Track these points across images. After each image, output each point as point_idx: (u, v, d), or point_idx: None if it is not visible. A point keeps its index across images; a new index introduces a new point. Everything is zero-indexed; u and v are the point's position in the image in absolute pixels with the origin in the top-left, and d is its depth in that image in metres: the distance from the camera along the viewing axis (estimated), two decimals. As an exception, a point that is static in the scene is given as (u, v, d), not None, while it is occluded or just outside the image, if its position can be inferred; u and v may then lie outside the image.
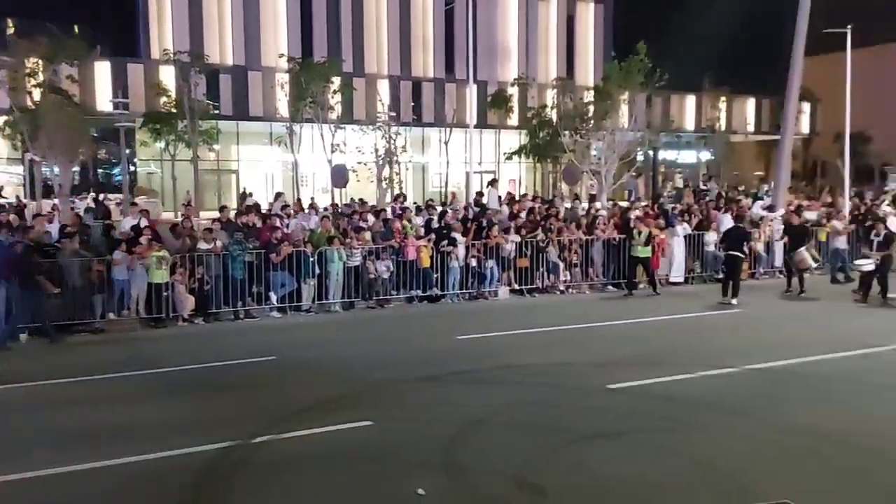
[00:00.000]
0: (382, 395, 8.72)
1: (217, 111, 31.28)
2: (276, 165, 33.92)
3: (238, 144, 34.53)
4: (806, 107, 45.55)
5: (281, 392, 8.87)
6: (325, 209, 19.45)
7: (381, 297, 14.73)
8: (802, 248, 15.39)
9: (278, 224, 15.25)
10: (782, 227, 17.38)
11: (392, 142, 28.22)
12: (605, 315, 13.50)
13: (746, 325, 12.61)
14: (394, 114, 30.26)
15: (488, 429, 7.46)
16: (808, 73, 31.68)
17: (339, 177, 22.04)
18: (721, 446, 6.89)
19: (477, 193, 22.11)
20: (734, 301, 14.32)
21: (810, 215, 19.78)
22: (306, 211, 18.54)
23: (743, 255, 15.14)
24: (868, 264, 14.29)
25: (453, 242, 15.19)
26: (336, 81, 27.98)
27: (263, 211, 18.56)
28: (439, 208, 18.69)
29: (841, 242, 17.47)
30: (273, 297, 13.84)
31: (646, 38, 22.90)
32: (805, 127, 46.60)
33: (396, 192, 26.15)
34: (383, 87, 34.46)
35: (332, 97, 27.72)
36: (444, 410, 8.07)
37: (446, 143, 33.05)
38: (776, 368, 9.51)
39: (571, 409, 8.17)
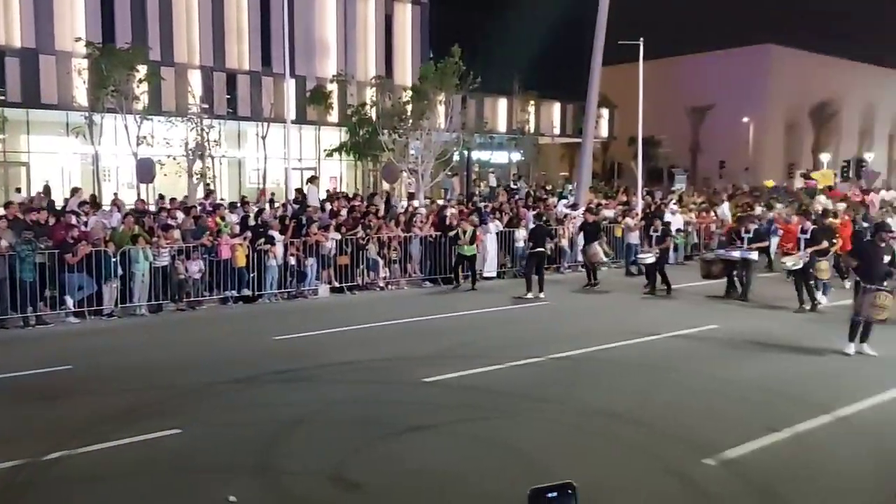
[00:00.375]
0: (193, 400, 8.36)
1: (2, 97, 28.19)
2: (73, 158, 31.18)
3: (28, 134, 31.33)
4: (605, 112, 49.38)
5: (79, 403, 8.21)
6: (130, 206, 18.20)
7: (192, 299, 14.08)
8: (595, 243, 16.65)
9: (74, 222, 14.06)
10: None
11: (204, 135, 26.98)
12: (422, 310, 13.84)
13: (549, 317, 13.48)
14: (206, 106, 28.93)
15: (305, 428, 7.41)
16: (606, 82, 34.39)
17: (145, 171, 20.70)
18: (526, 432, 7.34)
19: (296, 190, 21.77)
20: (541, 295, 15.23)
21: (608, 213, 21.52)
22: (108, 208, 17.27)
23: (546, 251, 16.20)
24: (649, 257, 15.79)
25: (271, 240, 14.86)
26: (142, 70, 26.23)
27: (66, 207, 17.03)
28: (255, 206, 18.18)
29: (633, 238, 19.15)
30: (69, 301, 12.76)
31: (460, 42, 23.69)
32: (604, 131, 50.46)
33: (210, 187, 25.04)
34: (195, 78, 32.82)
35: (138, 86, 25.96)
36: (260, 412, 7.91)
37: (264, 138, 32.10)
38: (575, 357, 10.27)
39: (388, 404, 8.32)
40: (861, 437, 7.10)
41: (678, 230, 21.08)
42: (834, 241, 14.50)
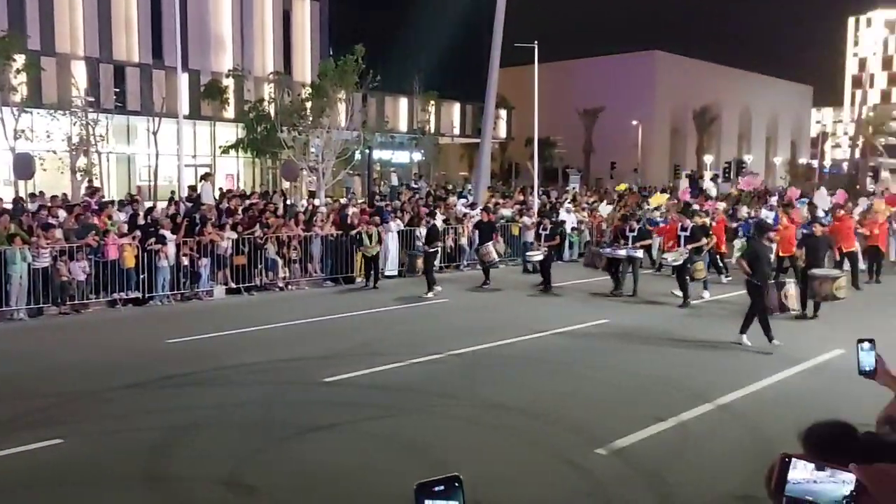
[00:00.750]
0: (78, 408, 7.96)
1: None
2: (-59, 152, 28.90)
3: None
4: (503, 113, 50.33)
5: (-52, 416, 7.66)
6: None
7: (76, 302, 13.37)
8: (489, 243, 16.80)
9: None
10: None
11: (89, 129, 25.64)
12: (323, 310, 13.69)
13: (448, 315, 13.61)
14: (92, 99, 27.48)
15: (199, 433, 7.20)
16: (504, 83, 35.09)
17: (24, 167, 19.44)
18: (426, 427, 7.42)
19: (189, 188, 21.04)
20: (430, 294, 15.14)
21: (505, 212, 21.97)
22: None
23: (435, 251, 16.19)
24: (537, 255, 16.20)
25: (162, 240, 14.30)
26: (20, 59, 24.62)
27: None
28: (148, 203, 17.46)
29: (530, 236, 19.62)
30: (-62, 307, 11.86)
31: (360, 40, 23.55)
32: (502, 132, 51.44)
33: (96, 184, 23.82)
34: (79, 70, 31.10)
35: (15, 77, 24.37)
36: (151, 418, 7.61)
37: (155, 134, 30.85)
38: (474, 353, 10.44)
39: (287, 405, 8.21)
40: (739, 423, 7.58)
41: (573, 228, 21.80)
42: (707, 238, 15.32)
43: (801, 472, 1.55)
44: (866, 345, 3.23)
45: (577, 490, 6.03)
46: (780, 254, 15.43)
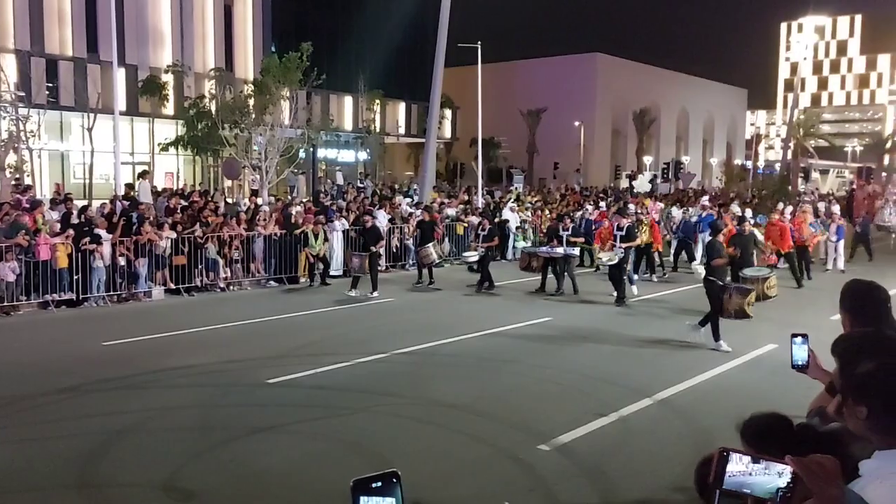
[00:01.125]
0: (11, 413, 7.66)
1: None
2: None
3: None
4: (448, 113, 50.48)
5: None
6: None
7: (5, 304, 12.86)
8: (429, 244, 16.58)
9: None
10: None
11: (20, 125, 24.69)
12: (266, 311, 13.49)
13: (393, 314, 13.59)
14: (22, 94, 26.47)
15: (137, 438, 7.02)
16: (449, 83, 35.22)
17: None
18: (370, 427, 7.39)
19: (126, 186, 20.47)
20: (375, 294, 14.94)
21: (450, 211, 22.06)
22: None
23: (376, 251, 15.74)
24: (473, 255, 16.18)
25: (97, 240, 13.87)
26: (-57, 51, 23.60)
27: None
28: (81, 202, 16.91)
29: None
30: None
31: (304, 38, 23.31)
32: (448, 132, 51.62)
33: (20, 181, 22.94)
34: (9, 63, 29.92)
35: (-62, 69, 23.34)
36: (86, 424, 7.39)
37: (90, 130, 29.90)
38: (419, 351, 10.46)
39: (229, 407, 8.07)
40: (678, 416, 7.78)
41: (517, 227, 22.03)
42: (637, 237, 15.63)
43: (738, 465, 1.58)
44: (799, 339, 3.36)
45: (520, 485, 6.09)
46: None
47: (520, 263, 16.92)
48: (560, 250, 15.50)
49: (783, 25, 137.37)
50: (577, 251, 15.80)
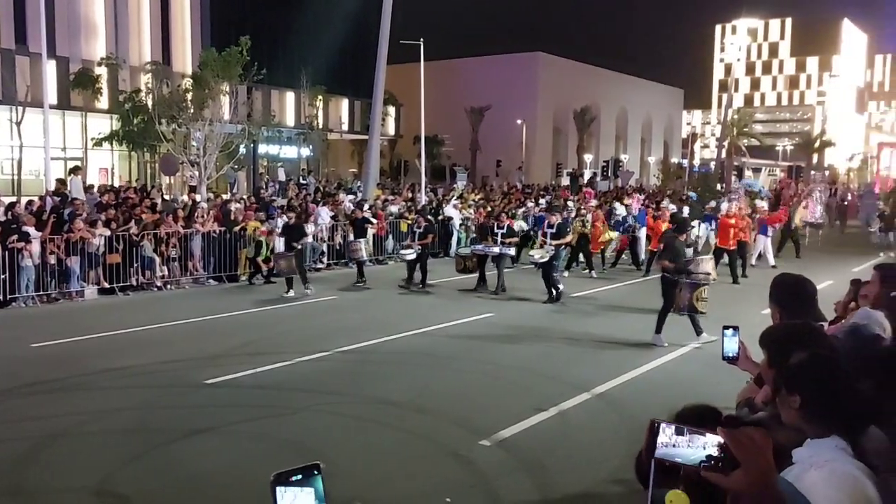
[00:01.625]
0: (-70, 420, 7.34)
1: None
2: None
3: None
4: (392, 111, 50.34)
5: None
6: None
7: (-72, 305, 12.31)
8: (360, 240, 16.46)
9: None
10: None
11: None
12: (205, 310, 13.24)
13: (334, 312, 13.49)
14: (-55, 86, 25.34)
15: (69, 441, 6.81)
16: (393, 80, 35.11)
17: None
18: (311, 426, 7.35)
19: (58, 181, 19.78)
20: (308, 290, 14.68)
21: (393, 208, 22.03)
22: None
23: (302, 248, 15.61)
24: (410, 253, 15.97)
25: (25, 237, 13.37)
26: None
27: None
28: (8, 199, 16.27)
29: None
30: None
31: (244, 31, 22.94)
32: (391, 129, 51.48)
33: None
34: (-71, 53, 28.60)
35: None
36: (17, 428, 7.13)
37: (18, 124, 28.78)
38: (361, 349, 10.42)
39: (165, 409, 7.90)
40: (615, 410, 7.96)
41: (461, 224, 22.15)
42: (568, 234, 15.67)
43: (664, 437, 1.63)
44: (730, 331, 3.49)
45: (462, 482, 6.15)
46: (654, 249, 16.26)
47: (455, 265, 16.72)
48: (496, 249, 15.39)
49: (718, 27, 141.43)
50: (511, 251, 15.73)
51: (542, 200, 24.67)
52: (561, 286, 14.99)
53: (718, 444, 1.59)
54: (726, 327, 3.50)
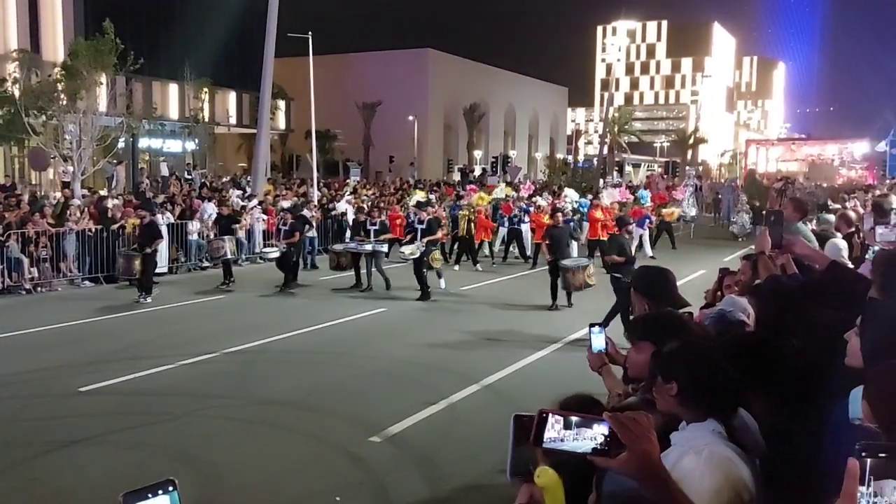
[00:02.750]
0: None
1: None
2: None
3: None
4: (282, 104, 49.19)
5: None
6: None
7: None
8: (224, 237, 15.50)
9: None
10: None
11: None
12: (79, 313, 12.49)
13: (219, 313, 13.08)
14: None
15: (-78, 461, 6.27)
16: (283, 74, 34.31)
17: None
18: (194, 432, 7.10)
19: None
20: (148, 299, 13.52)
21: (285, 204, 21.56)
22: None
23: (155, 251, 14.11)
24: (274, 251, 15.31)
25: None
26: None
27: None
28: None
29: (311, 231, 19.38)
30: None
31: (123, 20, 21.73)
32: (281, 123, 50.33)
33: None
34: None
35: None
36: None
37: None
38: (249, 349, 10.16)
39: (33, 420, 7.41)
40: (502, 400, 8.13)
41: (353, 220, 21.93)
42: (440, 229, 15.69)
43: (552, 433, 1.65)
44: (596, 328, 3.67)
45: (351, 479, 6.12)
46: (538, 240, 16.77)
47: (329, 262, 16.08)
48: (368, 247, 14.91)
49: (599, 28, 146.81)
50: (384, 247, 15.12)
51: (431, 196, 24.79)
52: (442, 283, 14.77)
53: (603, 434, 1.64)
54: (592, 325, 3.68)
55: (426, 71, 65.28)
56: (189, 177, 32.77)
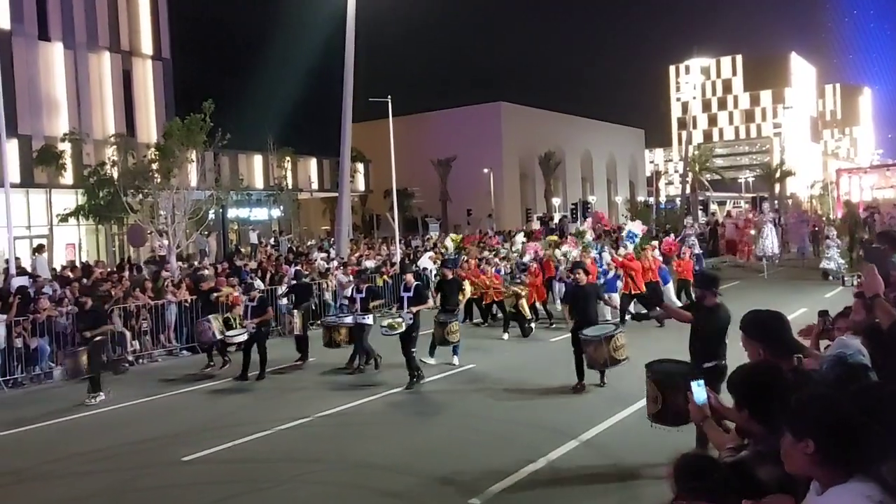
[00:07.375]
0: None
1: None
2: None
3: None
4: (360, 167, 50.58)
5: None
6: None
7: None
8: (209, 317, 13.67)
9: None
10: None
11: None
12: (179, 384, 12.87)
13: (307, 379, 12.94)
14: None
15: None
16: (360, 137, 35.30)
17: None
18: (296, 498, 7.10)
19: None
20: (98, 397, 11.55)
21: (370, 263, 21.91)
22: None
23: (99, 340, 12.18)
24: (241, 334, 12.74)
25: (-10, 321, 12.91)
26: None
27: None
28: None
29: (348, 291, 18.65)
30: None
31: (208, 97, 22.92)
32: (361, 185, 51.62)
33: None
34: None
35: None
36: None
37: (-20, 205, 28.34)
38: (342, 412, 10.16)
39: (141, 491, 7.59)
40: (603, 457, 7.80)
41: (435, 276, 22.02)
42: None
43: None
44: (695, 383, 3.46)
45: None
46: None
47: (323, 339, 13.29)
48: (349, 319, 12.75)
49: (672, 68, 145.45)
50: (369, 319, 12.61)
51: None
52: (456, 360, 12.61)
53: None
54: (692, 379, 3.49)
55: (499, 123, 66.00)
56: (273, 243, 33.85)
